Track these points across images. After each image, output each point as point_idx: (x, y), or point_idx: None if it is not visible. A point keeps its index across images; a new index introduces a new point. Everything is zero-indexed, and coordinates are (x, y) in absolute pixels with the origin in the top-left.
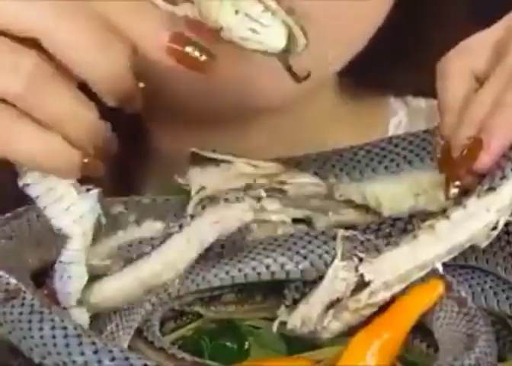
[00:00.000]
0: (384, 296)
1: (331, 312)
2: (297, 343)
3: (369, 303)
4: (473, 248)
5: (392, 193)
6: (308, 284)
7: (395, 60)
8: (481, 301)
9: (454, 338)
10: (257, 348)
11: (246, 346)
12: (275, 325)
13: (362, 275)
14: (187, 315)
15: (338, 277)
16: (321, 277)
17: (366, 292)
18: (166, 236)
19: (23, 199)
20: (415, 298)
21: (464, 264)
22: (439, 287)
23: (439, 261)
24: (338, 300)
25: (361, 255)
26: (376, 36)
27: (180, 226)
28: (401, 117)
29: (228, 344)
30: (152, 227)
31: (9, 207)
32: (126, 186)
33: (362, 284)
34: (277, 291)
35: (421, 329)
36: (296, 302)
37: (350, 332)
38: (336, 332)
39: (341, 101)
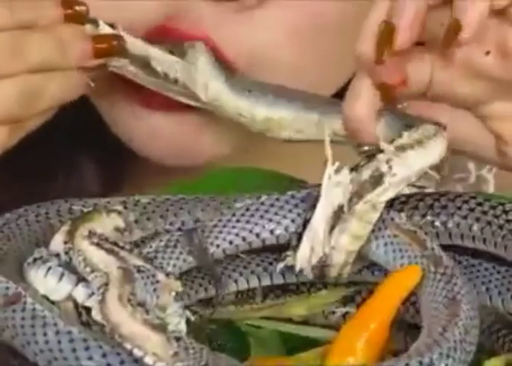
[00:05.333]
0: (390, 195)
1: (337, 227)
2: (297, 343)
3: (373, 203)
4: (470, 227)
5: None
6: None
7: None
8: (486, 300)
9: (436, 304)
10: (257, 348)
11: (246, 346)
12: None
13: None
14: None
15: (332, 183)
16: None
17: (376, 191)
18: None
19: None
20: (395, 285)
21: (461, 244)
22: (416, 273)
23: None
24: (341, 210)
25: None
26: None
27: None
28: None
29: (228, 344)
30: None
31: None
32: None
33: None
34: (277, 291)
35: (414, 327)
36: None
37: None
38: (346, 251)
39: None
